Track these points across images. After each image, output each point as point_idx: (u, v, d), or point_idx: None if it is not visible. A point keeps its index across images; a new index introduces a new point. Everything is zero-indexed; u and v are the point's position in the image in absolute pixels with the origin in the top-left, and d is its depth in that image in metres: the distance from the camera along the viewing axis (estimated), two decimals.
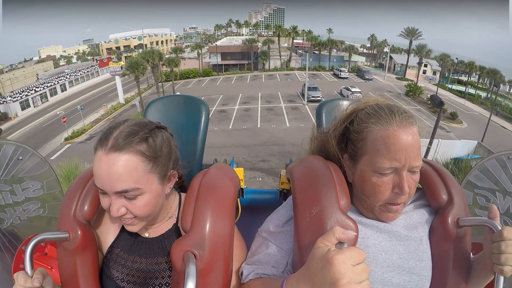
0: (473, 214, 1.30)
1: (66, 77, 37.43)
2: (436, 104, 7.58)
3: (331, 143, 0.84)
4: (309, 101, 26.26)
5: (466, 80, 38.60)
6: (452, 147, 12.12)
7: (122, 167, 0.68)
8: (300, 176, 0.81)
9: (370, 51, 53.64)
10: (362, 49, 54.87)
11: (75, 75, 39.24)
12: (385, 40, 50.36)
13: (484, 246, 0.72)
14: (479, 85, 38.62)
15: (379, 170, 0.72)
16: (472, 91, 36.76)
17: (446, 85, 39.47)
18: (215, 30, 59.49)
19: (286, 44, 51.73)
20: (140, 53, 30.63)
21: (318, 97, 26.48)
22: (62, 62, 52.36)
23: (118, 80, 29.27)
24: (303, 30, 49.58)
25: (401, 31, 41.45)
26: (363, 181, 0.75)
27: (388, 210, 0.76)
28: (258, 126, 21.01)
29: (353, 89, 28.41)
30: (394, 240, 0.77)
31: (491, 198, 1.30)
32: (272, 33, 51.37)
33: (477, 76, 39.01)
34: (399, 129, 0.71)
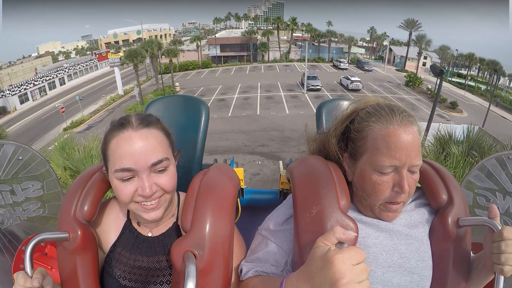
0: (473, 214, 1.30)
1: (65, 71, 37.27)
2: (436, 73, 7.53)
3: (331, 142, 0.84)
4: (309, 90, 26.20)
5: (466, 73, 38.55)
6: (452, 131, 12.07)
7: (155, 139, 0.74)
8: (300, 176, 0.82)
9: (369, 45, 53.42)
10: (361, 42, 54.67)
11: (74, 68, 39.07)
12: (385, 33, 50.16)
13: (484, 246, 0.72)
14: (478, 79, 38.57)
15: (379, 168, 0.72)
16: (472, 84, 36.76)
17: (446, 77, 39.40)
18: (213, 23, 59.37)
19: (285, 37, 51.55)
20: (140, 44, 30.63)
21: (318, 86, 26.47)
22: (61, 58, 52.12)
23: (117, 71, 29.27)
24: (302, 23, 49.34)
25: (401, 23, 41.31)
26: (363, 180, 0.76)
27: (388, 209, 0.76)
28: (258, 113, 20.91)
29: (352, 78, 28.20)
30: (395, 239, 0.77)
31: (491, 198, 1.30)
32: (271, 27, 51.16)
33: (476, 70, 38.95)
34: (400, 128, 0.71)
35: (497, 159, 1.28)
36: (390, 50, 45.83)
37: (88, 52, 53.63)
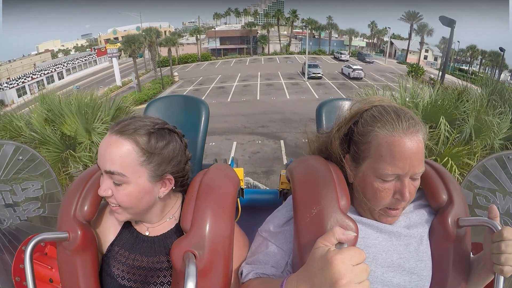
0: (473, 214, 1.30)
1: (64, 65, 37.10)
2: (446, 23, 7.13)
3: (334, 144, 0.82)
4: (310, 78, 25.79)
5: (467, 69, 38.41)
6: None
7: (116, 149, 0.71)
8: (300, 176, 0.81)
9: (370, 40, 53.07)
10: (362, 38, 54.42)
11: (73, 63, 38.89)
12: (385, 28, 49.80)
13: (484, 246, 0.72)
14: (480, 74, 38.39)
15: (381, 176, 0.72)
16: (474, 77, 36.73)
17: (448, 71, 39.16)
18: (213, 18, 59.46)
19: (285, 32, 51.37)
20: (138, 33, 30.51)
21: (319, 73, 26.07)
22: (60, 55, 52.01)
23: (115, 62, 29.02)
24: (303, 18, 49.15)
25: (402, 15, 40.98)
26: (365, 185, 0.75)
27: (387, 214, 0.76)
28: (258, 98, 20.44)
29: (354, 67, 27.75)
30: (394, 240, 0.77)
31: (491, 198, 1.30)
32: (272, 21, 51.01)
33: (478, 66, 38.76)
34: (405, 136, 0.70)
35: (497, 159, 1.27)
36: (391, 43, 45.54)
37: (87, 49, 53.42)
